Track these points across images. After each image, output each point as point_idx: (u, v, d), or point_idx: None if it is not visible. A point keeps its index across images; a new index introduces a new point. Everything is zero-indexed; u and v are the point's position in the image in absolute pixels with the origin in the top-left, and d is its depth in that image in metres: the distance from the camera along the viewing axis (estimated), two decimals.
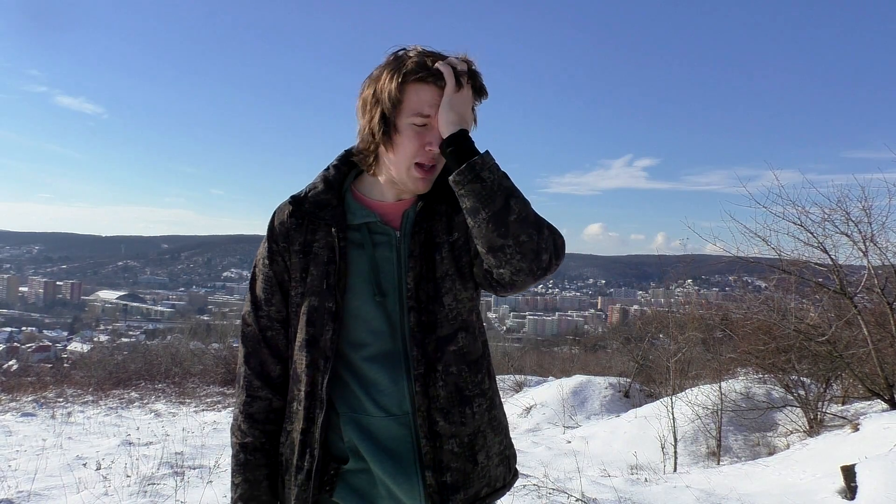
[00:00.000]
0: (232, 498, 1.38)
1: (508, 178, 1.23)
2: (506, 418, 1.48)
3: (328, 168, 1.40)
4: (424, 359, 1.30)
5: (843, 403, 8.29)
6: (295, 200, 1.37)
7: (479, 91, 1.32)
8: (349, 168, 1.41)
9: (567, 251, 1.31)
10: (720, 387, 8.57)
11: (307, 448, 1.32)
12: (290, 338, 1.37)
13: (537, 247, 1.22)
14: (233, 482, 1.38)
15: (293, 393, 1.35)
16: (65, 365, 19.21)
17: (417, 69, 1.25)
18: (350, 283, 1.32)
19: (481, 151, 1.23)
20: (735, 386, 9.02)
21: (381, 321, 1.32)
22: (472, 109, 1.34)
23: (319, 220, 1.33)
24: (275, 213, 1.39)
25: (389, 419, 1.31)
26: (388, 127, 1.28)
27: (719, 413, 8.21)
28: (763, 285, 9.73)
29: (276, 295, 1.37)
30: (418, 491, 1.30)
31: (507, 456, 1.44)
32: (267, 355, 1.37)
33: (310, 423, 1.32)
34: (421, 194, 1.35)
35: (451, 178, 1.23)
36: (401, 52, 1.29)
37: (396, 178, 1.32)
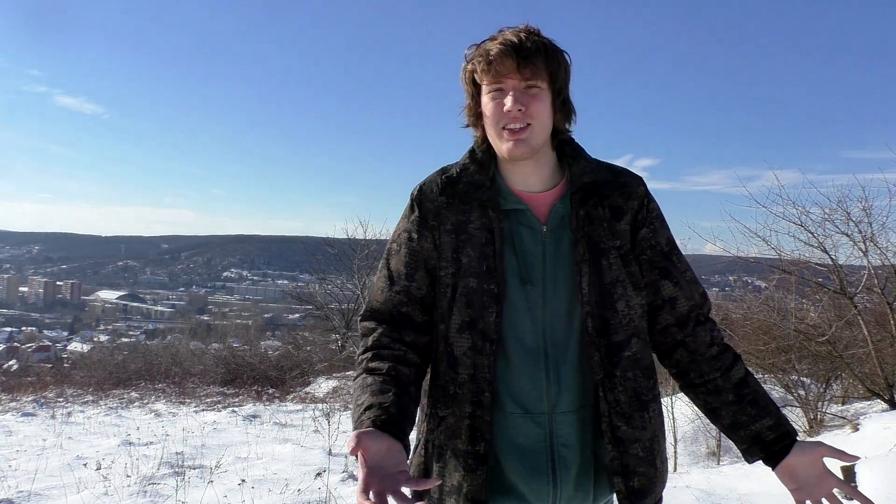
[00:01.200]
0: (354, 422, 1.20)
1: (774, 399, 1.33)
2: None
3: (473, 149, 1.38)
4: (602, 364, 1.28)
5: (843, 403, 8.30)
6: (449, 180, 1.34)
7: (559, 83, 1.31)
8: (490, 151, 1.37)
9: None
10: None
11: (479, 432, 1.27)
12: (437, 320, 1.33)
13: None
14: (355, 405, 1.23)
15: (449, 376, 1.30)
16: (65, 365, 19.23)
17: (483, 55, 1.26)
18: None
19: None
20: None
21: (523, 313, 1.29)
22: (563, 104, 1.33)
23: (473, 201, 1.31)
24: (422, 188, 1.36)
25: (526, 417, 1.28)
26: (474, 103, 1.33)
27: None
28: (763, 285, 9.73)
29: (420, 271, 1.33)
30: (547, 492, 1.28)
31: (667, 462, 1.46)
32: (402, 324, 1.32)
33: (477, 407, 1.27)
34: (577, 191, 1.32)
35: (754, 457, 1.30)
36: (478, 43, 1.31)
37: (496, 148, 1.32)
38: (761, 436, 1.27)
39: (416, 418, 1.34)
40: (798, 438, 1.27)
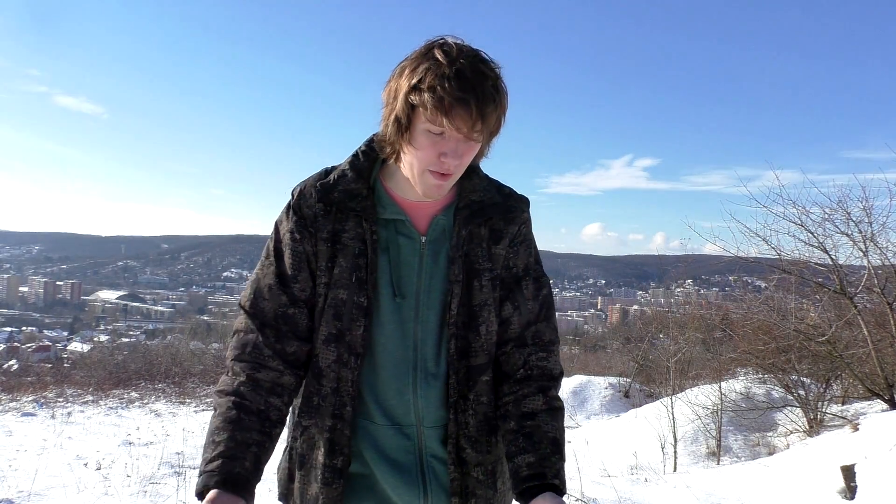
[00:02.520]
0: (206, 457, 1.16)
1: (564, 453, 1.27)
2: None
3: (356, 153, 1.32)
4: (459, 386, 1.29)
5: (843, 403, 8.30)
6: (323, 187, 1.27)
7: (492, 136, 1.23)
8: (377, 154, 1.31)
9: (567, 251, 1.33)
10: (720, 387, 8.57)
11: (337, 446, 1.27)
12: (315, 327, 1.29)
13: None
14: (212, 440, 1.18)
15: (313, 387, 1.30)
16: (65, 365, 19.20)
17: (435, 94, 1.12)
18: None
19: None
20: (735, 386, 9.03)
21: (394, 325, 1.28)
22: (483, 150, 1.26)
23: (349, 211, 1.27)
24: (299, 193, 1.29)
25: (394, 428, 1.29)
26: (401, 129, 1.19)
27: (719, 413, 8.22)
28: (763, 285, 9.73)
29: (304, 272, 1.28)
30: (419, 502, 1.29)
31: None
32: (285, 331, 1.27)
33: (338, 421, 1.27)
34: (462, 208, 1.29)
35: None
36: (432, 50, 1.16)
37: (412, 179, 1.24)
38: (518, 470, 1.22)
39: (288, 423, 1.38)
40: (554, 485, 1.19)
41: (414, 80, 1.14)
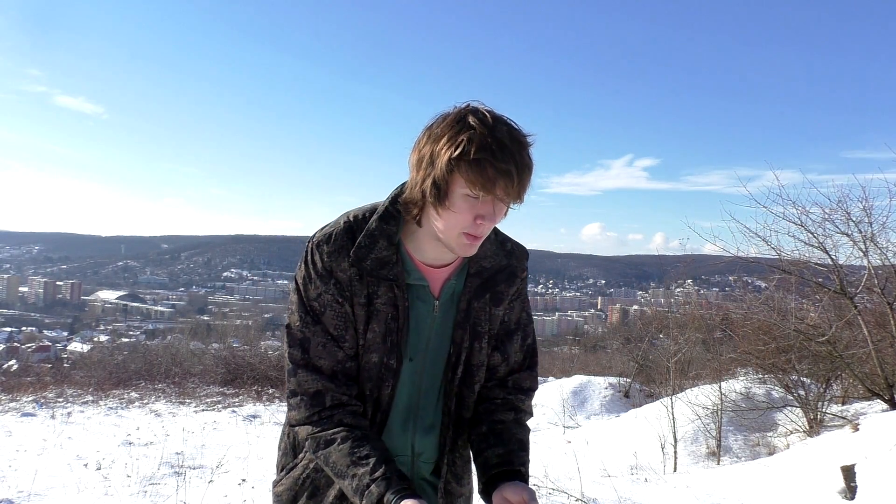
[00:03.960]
0: (364, 471, 1.20)
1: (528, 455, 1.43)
2: None
3: (383, 215, 1.31)
4: (453, 436, 1.45)
5: (843, 403, 8.30)
6: (357, 255, 1.29)
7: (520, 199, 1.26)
8: (401, 215, 1.33)
9: (567, 251, 1.37)
10: (720, 387, 8.57)
11: None
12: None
13: None
14: (356, 457, 1.22)
15: None
16: (65, 365, 19.20)
17: (480, 165, 1.16)
18: None
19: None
20: (735, 386, 9.02)
21: (407, 379, 1.39)
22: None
23: (381, 277, 1.31)
24: (329, 253, 1.30)
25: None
26: (440, 194, 1.21)
27: (719, 413, 8.21)
28: (763, 285, 9.72)
29: (350, 332, 1.32)
30: None
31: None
32: (347, 380, 1.33)
33: None
34: (473, 276, 1.39)
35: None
36: (466, 118, 1.20)
37: (443, 240, 1.28)
38: (486, 462, 1.35)
39: (283, 440, 1.50)
40: (520, 472, 1.35)
41: (456, 151, 1.17)
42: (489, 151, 1.16)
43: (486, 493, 1.33)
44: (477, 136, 1.17)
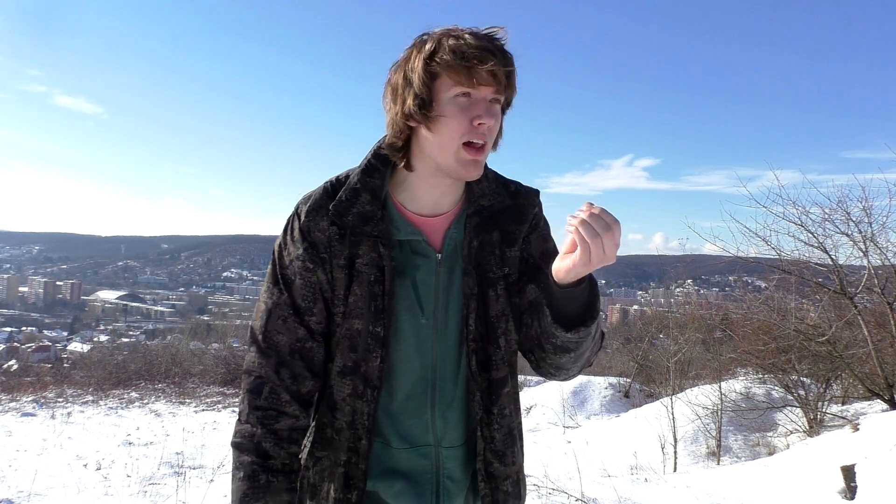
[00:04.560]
0: None
1: (601, 314, 1.19)
2: None
3: (365, 168, 1.23)
4: (483, 402, 1.25)
5: (843, 403, 8.30)
6: (336, 209, 1.19)
7: (510, 101, 1.19)
8: (387, 164, 1.24)
9: None
10: (720, 387, 8.57)
11: (352, 481, 1.23)
12: (330, 357, 1.25)
13: (593, 356, 1.27)
14: (253, 497, 1.17)
15: (326, 419, 1.26)
16: (65, 365, 19.20)
17: (457, 51, 1.09)
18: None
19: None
20: (735, 386, 9.03)
21: (412, 349, 1.24)
22: (500, 127, 1.22)
23: (363, 235, 1.19)
24: (307, 212, 1.21)
25: (411, 451, 1.26)
26: (426, 107, 1.12)
27: (719, 413, 8.22)
28: (763, 285, 9.73)
29: (318, 304, 1.21)
30: None
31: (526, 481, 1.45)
32: (301, 368, 1.21)
33: (353, 455, 1.23)
34: (472, 215, 1.25)
35: (561, 332, 1.14)
36: (430, 31, 1.15)
37: (443, 164, 1.16)
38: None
39: None
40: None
41: (429, 50, 1.11)
42: (461, 40, 1.10)
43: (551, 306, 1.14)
44: (444, 34, 1.12)
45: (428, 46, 1.12)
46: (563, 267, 1.08)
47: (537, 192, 1.34)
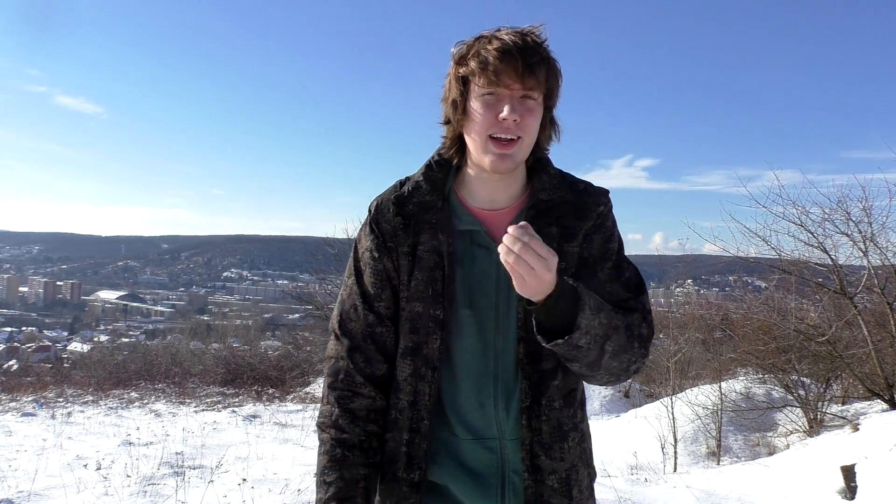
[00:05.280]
0: (321, 498, 1.25)
1: (604, 320, 1.16)
2: (591, 445, 1.42)
3: (429, 164, 1.32)
4: (531, 391, 1.26)
5: (843, 403, 8.30)
6: (398, 200, 1.29)
7: (550, 93, 1.24)
8: (449, 163, 1.33)
9: None
10: (720, 387, 8.57)
11: (414, 460, 1.27)
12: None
13: (627, 366, 1.24)
14: (323, 480, 1.26)
15: (391, 400, 1.31)
16: (65, 365, 19.24)
17: (479, 56, 1.19)
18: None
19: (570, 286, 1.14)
20: (735, 386, 9.03)
21: (474, 338, 1.27)
22: (550, 122, 1.28)
23: (424, 223, 1.28)
24: (377, 208, 1.32)
25: (477, 442, 1.28)
26: (458, 107, 1.24)
27: (719, 413, 8.22)
28: (763, 285, 9.74)
29: (386, 290, 1.30)
30: None
31: (592, 487, 1.39)
32: (374, 352, 1.29)
33: (415, 434, 1.27)
34: (529, 208, 1.28)
35: (545, 344, 1.16)
36: (463, 41, 1.26)
37: (478, 159, 1.25)
38: None
39: None
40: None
41: (459, 56, 1.23)
42: (487, 42, 1.19)
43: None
44: (474, 40, 1.23)
45: (458, 55, 1.24)
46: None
47: (606, 191, 1.35)
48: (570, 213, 1.29)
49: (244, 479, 4.89)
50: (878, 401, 7.31)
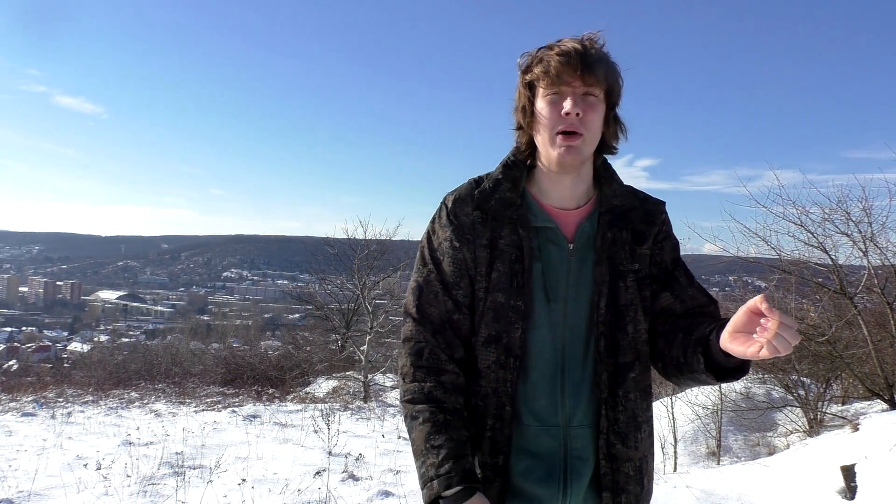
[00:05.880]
0: (433, 462, 1.22)
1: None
2: None
3: (507, 163, 1.40)
4: (609, 383, 1.33)
5: (843, 403, 8.30)
6: (481, 196, 1.36)
7: (611, 91, 1.34)
8: (523, 164, 1.41)
9: None
10: (720, 387, 8.57)
11: (498, 445, 1.30)
12: (474, 330, 1.35)
13: None
14: (430, 445, 1.24)
15: (471, 388, 1.33)
16: (65, 365, 19.25)
17: (542, 62, 1.29)
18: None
19: None
20: (735, 386, 9.02)
21: (545, 330, 1.33)
22: (614, 120, 1.38)
23: (505, 219, 1.34)
24: (454, 200, 1.38)
25: (541, 428, 1.32)
26: (527, 112, 1.34)
27: (719, 413, 8.22)
28: (763, 285, 9.72)
29: (465, 279, 1.35)
30: (557, 502, 1.32)
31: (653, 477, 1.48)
32: (451, 337, 1.33)
33: (497, 420, 1.31)
34: (604, 213, 1.37)
35: (710, 378, 1.25)
36: (527, 52, 1.36)
37: (547, 157, 1.33)
38: (700, 333, 1.26)
39: None
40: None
41: (525, 66, 1.34)
42: (547, 49, 1.31)
43: (708, 356, 1.22)
44: (537, 51, 1.33)
45: (524, 65, 1.35)
46: (737, 351, 1.14)
47: (664, 202, 1.48)
48: (639, 218, 1.40)
49: (244, 479, 4.89)
50: (878, 401, 7.31)
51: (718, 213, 14.53)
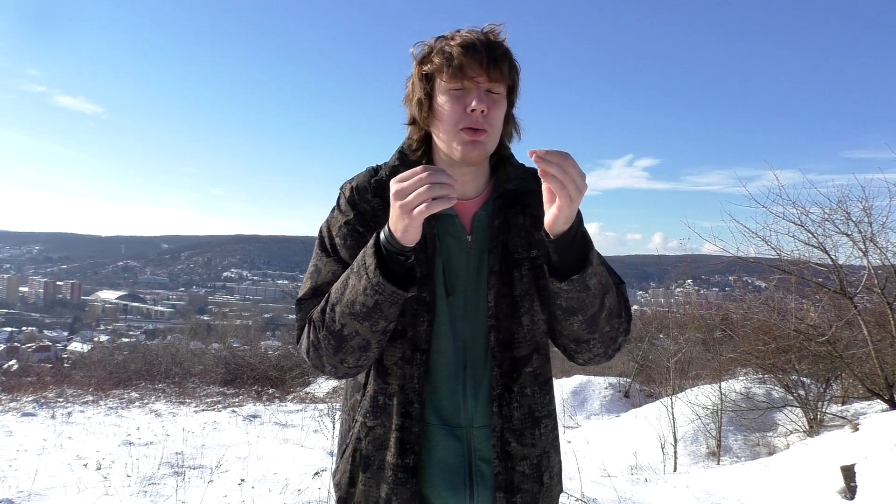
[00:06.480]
0: (365, 259, 1.14)
1: (605, 270, 1.21)
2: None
3: (403, 151, 1.35)
4: (502, 378, 1.27)
5: (843, 403, 8.30)
6: (379, 184, 1.30)
7: (512, 88, 1.28)
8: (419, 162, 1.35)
9: None
10: (720, 387, 8.57)
11: (408, 445, 1.25)
12: None
13: (615, 333, 1.27)
14: (348, 272, 1.18)
15: (378, 386, 1.28)
16: (65, 365, 19.23)
17: (444, 52, 1.22)
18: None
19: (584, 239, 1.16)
20: (735, 386, 9.02)
21: (447, 325, 1.28)
22: (512, 119, 1.32)
23: None
24: (353, 189, 1.32)
25: (445, 429, 1.28)
26: (425, 105, 1.26)
27: (719, 413, 8.22)
28: (763, 285, 9.73)
29: None
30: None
31: (561, 474, 1.43)
32: None
33: (406, 419, 1.25)
34: (497, 198, 1.31)
35: (556, 284, 1.16)
36: (422, 41, 1.28)
37: (450, 152, 1.26)
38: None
39: (341, 425, 1.37)
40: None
41: (422, 56, 1.26)
42: (447, 40, 1.23)
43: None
44: (435, 40, 1.25)
45: (421, 55, 1.26)
46: (552, 215, 1.12)
47: None
48: (536, 201, 1.29)
49: (244, 479, 4.89)
50: (878, 401, 7.31)
51: (718, 213, 14.56)
